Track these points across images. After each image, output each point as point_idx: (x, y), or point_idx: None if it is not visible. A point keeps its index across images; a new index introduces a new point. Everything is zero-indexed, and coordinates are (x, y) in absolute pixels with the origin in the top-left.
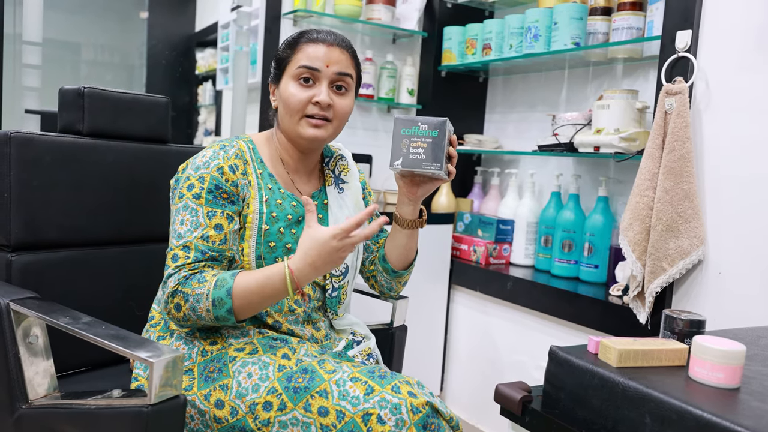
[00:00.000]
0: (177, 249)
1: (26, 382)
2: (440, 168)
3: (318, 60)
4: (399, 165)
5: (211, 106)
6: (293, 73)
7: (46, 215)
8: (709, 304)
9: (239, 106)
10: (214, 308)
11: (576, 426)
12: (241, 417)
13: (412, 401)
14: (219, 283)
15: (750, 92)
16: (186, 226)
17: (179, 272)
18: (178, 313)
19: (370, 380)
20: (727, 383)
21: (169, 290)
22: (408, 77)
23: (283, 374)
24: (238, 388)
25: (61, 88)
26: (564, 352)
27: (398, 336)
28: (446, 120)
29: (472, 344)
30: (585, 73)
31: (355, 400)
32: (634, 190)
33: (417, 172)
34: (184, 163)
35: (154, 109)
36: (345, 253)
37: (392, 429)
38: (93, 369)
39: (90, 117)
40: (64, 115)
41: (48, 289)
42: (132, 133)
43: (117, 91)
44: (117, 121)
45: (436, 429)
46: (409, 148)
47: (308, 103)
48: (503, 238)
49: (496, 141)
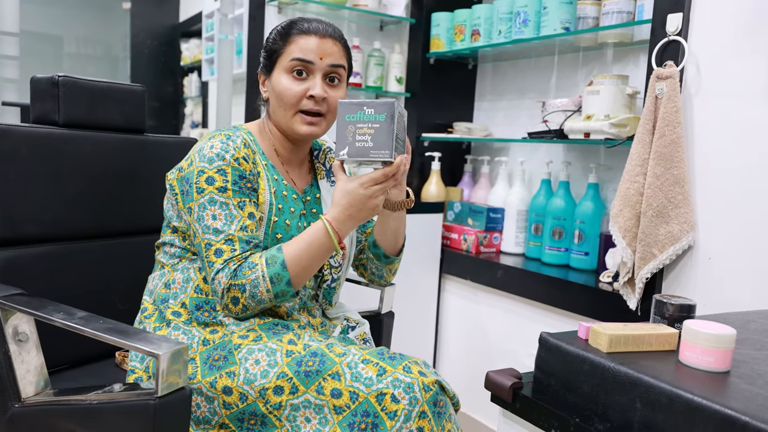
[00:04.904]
0: (219, 244)
1: (17, 380)
2: (389, 155)
3: (311, 52)
4: (345, 154)
5: (197, 98)
6: (286, 66)
7: (25, 209)
8: (698, 289)
9: (224, 97)
10: (274, 285)
11: (566, 412)
12: (252, 402)
13: (423, 380)
14: (270, 261)
15: (741, 76)
16: (221, 220)
17: (228, 266)
18: (237, 306)
19: (380, 361)
20: (718, 367)
21: (223, 286)
22: (396, 65)
23: (291, 359)
24: (246, 375)
25: (33, 77)
26: (554, 338)
27: (386, 322)
28: (394, 102)
29: (463, 333)
30: (575, 58)
31: (369, 381)
32: (625, 176)
33: (364, 161)
34: (188, 156)
35: (130, 98)
36: (377, 200)
37: (406, 407)
38: (75, 366)
39: (65, 107)
40: (37, 105)
41: (29, 285)
42: (108, 123)
43: (92, 80)
44: (93, 110)
45: (443, 406)
46: (355, 135)
47: (303, 97)
48: (493, 227)
49: (485, 129)
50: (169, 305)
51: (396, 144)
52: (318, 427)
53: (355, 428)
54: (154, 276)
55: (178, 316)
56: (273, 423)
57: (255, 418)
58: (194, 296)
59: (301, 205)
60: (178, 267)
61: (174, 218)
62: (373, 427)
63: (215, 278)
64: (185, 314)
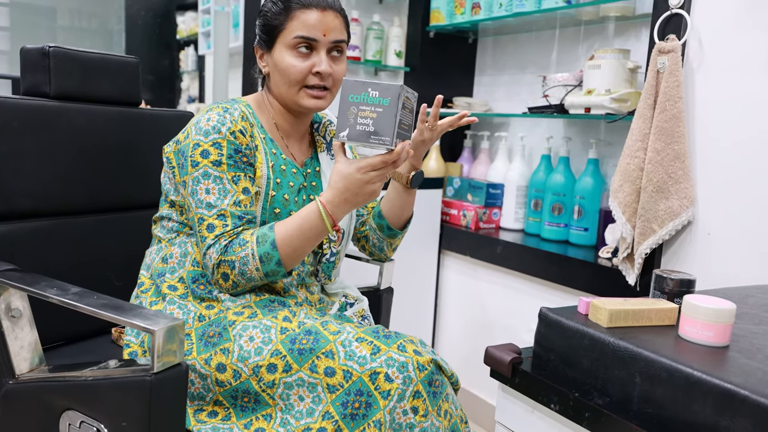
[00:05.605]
0: (211, 219)
1: (11, 356)
2: (390, 143)
3: (315, 29)
4: (345, 137)
5: (193, 72)
6: (289, 43)
7: (17, 183)
8: (697, 264)
9: (221, 70)
10: (263, 265)
11: (566, 386)
12: (245, 379)
13: (418, 359)
14: (260, 239)
15: (743, 51)
16: (214, 194)
17: (218, 242)
18: (226, 282)
19: (375, 340)
20: (717, 341)
21: (214, 261)
22: (395, 38)
23: (285, 336)
24: (240, 352)
25: (23, 47)
26: (554, 314)
27: (385, 298)
28: (401, 86)
29: (463, 308)
30: (576, 32)
31: (362, 360)
32: (625, 152)
33: (363, 146)
34: (184, 129)
35: (123, 70)
36: (374, 186)
37: (399, 386)
38: (70, 342)
39: (56, 79)
40: (28, 77)
41: (22, 261)
42: (101, 95)
43: (84, 51)
44: (85, 82)
45: (439, 385)
46: (357, 117)
47: (308, 73)
48: (493, 203)
49: (485, 104)
50: (166, 279)
51: (399, 130)
52: (311, 406)
53: (349, 407)
54: (151, 250)
55: (174, 290)
56: (266, 401)
57: (248, 396)
58: (191, 269)
59: (300, 179)
60: (176, 241)
61: (171, 192)
62: (366, 406)
63: (206, 253)
64: (182, 288)
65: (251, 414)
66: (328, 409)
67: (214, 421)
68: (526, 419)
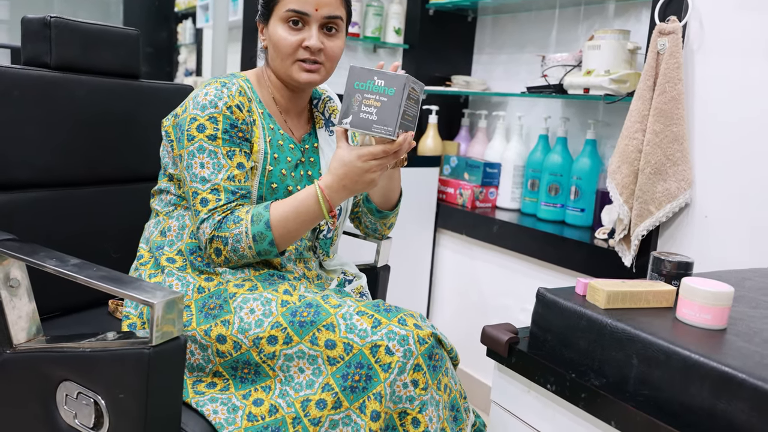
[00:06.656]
0: (205, 193)
1: (9, 326)
2: (392, 133)
3: (306, 3)
4: (348, 123)
5: (191, 45)
6: (282, 16)
7: (17, 153)
8: (694, 247)
9: (220, 44)
10: (256, 244)
11: (562, 367)
12: (245, 351)
13: (419, 333)
14: (255, 218)
15: (744, 33)
16: (208, 168)
17: (212, 216)
18: (219, 257)
19: (376, 313)
20: (714, 324)
21: (207, 236)
22: (395, 15)
23: (286, 309)
24: (240, 324)
25: (24, 17)
26: (552, 294)
27: (382, 275)
28: (407, 76)
29: (458, 287)
30: (576, 12)
31: (363, 333)
32: (624, 133)
33: (365, 134)
34: (183, 103)
35: (124, 42)
36: (374, 175)
37: (400, 359)
38: (67, 313)
39: (58, 49)
40: (28, 47)
41: (19, 231)
42: (102, 67)
43: (85, 22)
44: (86, 53)
45: (439, 359)
46: (361, 105)
47: (299, 47)
48: (490, 182)
49: (483, 83)
50: (164, 252)
51: (403, 121)
52: (311, 378)
53: (349, 379)
54: (150, 224)
55: (173, 263)
56: (266, 372)
57: (248, 367)
58: (189, 242)
59: (298, 155)
60: (173, 215)
61: (170, 165)
62: (366, 378)
63: (200, 227)
64: (180, 261)
65: (250, 385)
66: (328, 381)
67: (212, 391)
68: (522, 399)
